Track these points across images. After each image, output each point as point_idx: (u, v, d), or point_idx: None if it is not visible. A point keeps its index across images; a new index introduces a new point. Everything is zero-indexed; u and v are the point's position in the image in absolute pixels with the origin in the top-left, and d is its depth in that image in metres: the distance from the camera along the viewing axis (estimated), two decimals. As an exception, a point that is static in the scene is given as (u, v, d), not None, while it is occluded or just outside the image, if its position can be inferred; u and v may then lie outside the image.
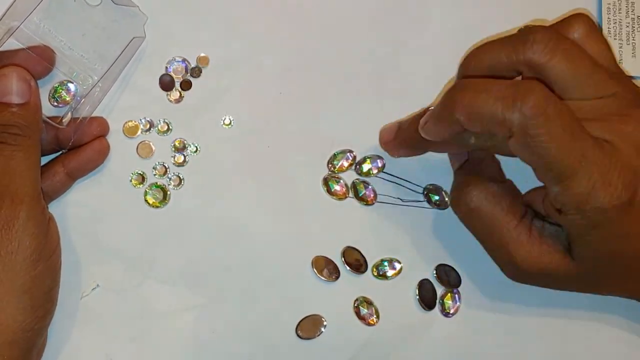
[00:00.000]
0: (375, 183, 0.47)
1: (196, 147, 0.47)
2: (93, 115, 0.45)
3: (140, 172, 0.46)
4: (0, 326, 0.38)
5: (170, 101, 0.47)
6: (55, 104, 0.45)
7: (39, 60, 0.43)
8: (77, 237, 0.45)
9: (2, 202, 0.39)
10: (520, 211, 0.41)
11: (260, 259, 0.46)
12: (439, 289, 0.47)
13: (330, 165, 0.47)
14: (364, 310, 0.46)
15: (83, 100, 0.45)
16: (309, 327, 0.46)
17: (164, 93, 0.47)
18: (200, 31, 0.47)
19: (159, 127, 0.47)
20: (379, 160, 0.47)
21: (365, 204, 0.47)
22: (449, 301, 0.46)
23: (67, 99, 0.45)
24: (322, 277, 0.46)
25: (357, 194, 0.47)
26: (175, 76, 0.47)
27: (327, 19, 0.48)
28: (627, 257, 0.39)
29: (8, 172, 0.39)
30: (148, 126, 0.47)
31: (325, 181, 0.47)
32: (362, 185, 0.47)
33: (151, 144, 0.46)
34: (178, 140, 0.47)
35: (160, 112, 0.47)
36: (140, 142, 0.46)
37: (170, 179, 0.46)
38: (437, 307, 0.46)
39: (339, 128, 0.47)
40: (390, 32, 0.48)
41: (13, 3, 0.44)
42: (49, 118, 0.43)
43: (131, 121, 0.46)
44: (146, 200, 0.46)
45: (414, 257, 0.47)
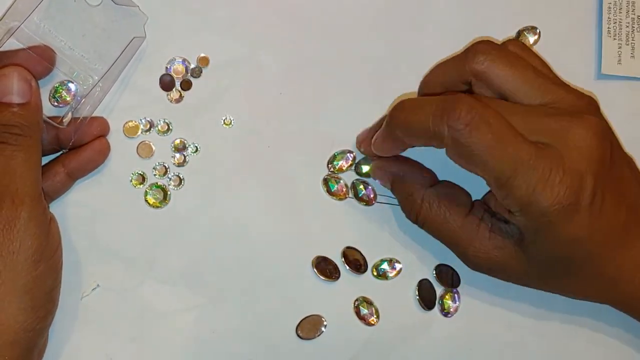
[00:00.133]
0: (375, 183, 0.47)
1: (196, 147, 0.47)
2: (93, 115, 0.45)
3: (140, 172, 0.46)
4: (2, 326, 0.38)
5: (171, 101, 0.47)
6: (56, 103, 0.45)
7: (39, 60, 0.43)
8: (77, 237, 0.45)
9: (3, 203, 0.39)
10: (465, 209, 0.43)
11: (260, 259, 0.46)
12: (439, 289, 0.47)
13: (330, 166, 0.47)
14: (364, 310, 0.46)
15: (83, 100, 0.45)
16: (309, 327, 0.46)
17: (164, 93, 0.47)
18: (200, 31, 0.47)
19: (159, 127, 0.47)
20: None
21: (365, 204, 0.47)
22: (448, 301, 0.46)
23: (68, 99, 0.45)
24: (322, 277, 0.46)
25: (356, 195, 0.47)
26: (175, 76, 0.47)
27: (327, 19, 0.48)
28: (574, 260, 0.40)
29: (9, 172, 0.39)
30: (148, 126, 0.47)
31: (325, 181, 0.47)
32: (362, 186, 0.47)
33: (151, 144, 0.46)
34: (178, 140, 0.47)
35: (161, 112, 0.47)
36: (141, 142, 0.46)
37: (170, 179, 0.46)
38: (437, 307, 0.46)
39: (339, 128, 0.47)
40: (390, 32, 0.48)
41: (13, 3, 0.44)
42: (49, 118, 0.43)
43: (131, 121, 0.46)
44: (146, 200, 0.46)
45: (414, 257, 0.47)
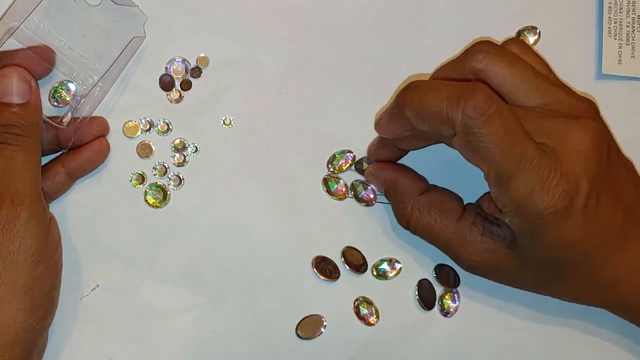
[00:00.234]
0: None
1: (196, 147, 0.47)
2: (93, 115, 0.45)
3: (140, 172, 0.46)
4: (2, 326, 0.38)
5: (170, 101, 0.47)
6: (56, 104, 0.45)
7: (39, 60, 0.43)
8: (77, 237, 0.45)
9: (2, 203, 0.39)
10: (456, 214, 0.42)
11: (260, 259, 0.46)
12: (439, 289, 0.47)
13: (330, 166, 0.47)
14: (364, 310, 0.46)
15: (83, 100, 0.45)
16: (309, 327, 0.46)
17: (164, 93, 0.47)
18: (200, 31, 0.47)
19: (159, 127, 0.47)
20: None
21: (366, 205, 0.47)
22: (448, 301, 0.46)
23: (67, 99, 0.45)
24: (321, 277, 0.46)
25: (356, 195, 0.47)
26: (175, 76, 0.47)
27: (327, 19, 0.48)
28: (567, 263, 0.40)
29: (8, 172, 0.39)
30: (148, 126, 0.47)
31: (325, 181, 0.47)
32: (361, 187, 0.47)
33: (151, 144, 0.46)
34: (178, 140, 0.47)
35: (160, 112, 0.47)
36: (140, 142, 0.46)
37: (170, 179, 0.46)
38: (437, 307, 0.46)
39: (339, 128, 0.47)
40: (390, 32, 0.48)
41: (13, 3, 0.44)
42: (49, 118, 0.43)
43: (131, 121, 0.46)
44: (146, 200, 0.46)
45: (414, 257, 0.47)
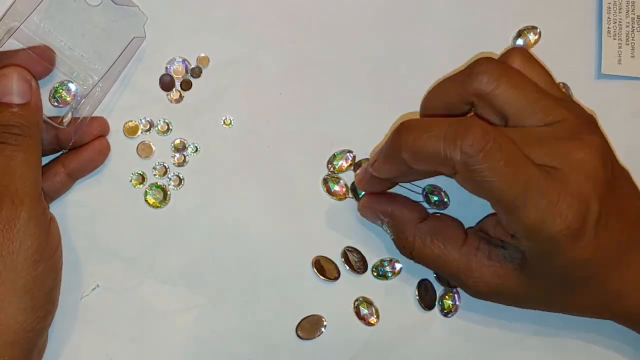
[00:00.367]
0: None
1: (196, 147, 0.47)
2: (93, 115, 0.45)
3: (140, 172, 0.46)
4: (2, 326, 0.38)
5: (170, 101, 0.47)
6: (56, 104, 0.45)
7: (39, 61, 0.43)
8: (77, 237, 0.45)
9: (2, 203, 0.39)
10: (459, 240, 0.42)
11: (260, 259, 0.46)
12: (439, 289, 0.47)
13: (330, 166, 0.47)
14: (364, 310, 0.46)
15: (83, 100, 0.45)
16: (309, 327, 0.46)
17: (164, 93, 0.47)
18: (200, 31, 0.47)
19: (159, 127, 0.47)
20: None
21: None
22: (448, 301, 0.46)
23: (68, 99, 0.45)
24: (322, 277, 0.46)
25: (357, 196, 0.47)
26: (175, 76, 0.47)
27: (327, 19, 0.48)
28: (577, 281, 0.40)
29: (9, 172, 0.39)
30: (148, 126, 0.47)
31: (325, 181, 0.47)
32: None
33: (151, 144, 0.46)
34: (178, 140, 0.47)
35: (160, 112, 0.47)
36: (140, 142, 0.46)
37: (170, 179, 0.46)
38: (437, 307, 0.46)
39: (339, 128, 0.47)
40: (390, 32, 0.48)
41: (13, 3, 0.44)
42: (49, 118, 0.43)
43: (131, 121, 0.46)
44: (146, 200, 0.46)
45: (414, 257, 0.47)
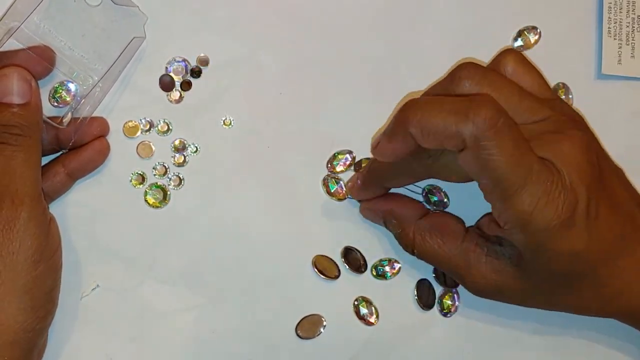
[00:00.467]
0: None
1: (196, 147, 0.47)
2: (93, 115, 0.45)
3: (140, 172, 0.46)
4: (2, 326, 0.38)
5: (170, 101, 0.47)
6: (56, 104, 0.45)
7: (39, 61, 0.43)
8: (77, 237, 0.45)
9: (2, 203, 0.39)
10: (459, 236, 0.42)
11: (260, 259, 0.46)
12: (438, 289, 0.47)
13: (330, 166, 0.47)
14: (363, 310, 0.46)
15: (83, 100, 0.45)
16: (309, 327, 0.46)
17: (164, 93, 0.47)
18: (200, 31, 0.47)
19: (159, 127, 0.47)
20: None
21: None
22: (447, 301, 0.46)
23: (68, 99, 0.45)
24: (322, 276, 0.46)
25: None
26: (175, 76, 0.47)
27: (327, 19, 0.48)
28: (574, 275, 0.40)
29: (9, 172, 0.39)
30: (148, 126, 0.47)
31: (325, 181, 0.47)
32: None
33: (151, 144, 0.46)
34: (178, 140, 0.47)
35: (160, 112, 0.47)
36: (140, 142, 0.46)
37: (170, 179, 0.46)
38: (436, 307, 0.46)
39: (339, 128, 0.47)
40: (390, 32, 0.48)
41: (13, 3, 0.44)
42: (49, 118, 0.43)
43: (131, 121, 0.46)
44: (146, 200, 0.46)
45: (413, 257, 0.47)
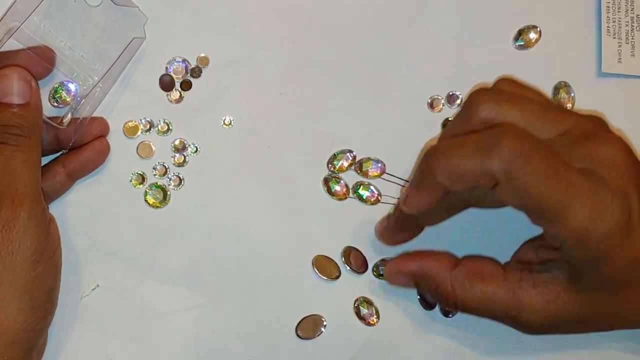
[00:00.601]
0: (376, 184, 0.47)
1: (196, 147, 0.47)
2: (93, 115, 0.45)
3: (140, 172, 0.46)
4: (1, 326, 0.38)
5: (170, 101, 0.47)
6: (56, 104, 0.45)
7: (39, 61, 0.43)
8: (77, 237, 0.45)
9: (2, 203, 0.39)
10: (500, 276, 0.40)
11: (260, 259, 0.46)
12: (439, 289, 0.47)
13: (330, 166, 0.47)
14: (364, 310, 0.46)
15: (83, 100, 0.45)
16: (309, 327, 0.46)
17: (164, 93, 0.47)
18: (200, 31, 0.47)
19: (159, 127, 0.47)
20: (379, 164, 0.47)
21: (371, 204, 0.47)
22: (448, 301, 0.46)
23: (68, 100, 0.45)
24: (323, 277, 0.46)
25: (360, 198, 0.46)
26: (175, 76, 0.47)
27: (327, 19, 0.48)
28: (630, 282, 0.38)
29: (8, 172, 0.39)
30: (148, 126, 0.47)
31: (326, 181, 0.47)
32: (362, 188, 0.46)
33: (151, 144, 0.46)
34: (178, 141, 0.47)
35: (160, 112, 0.47)
36: (140, 142, 0.46)
37: (170, 179, 0.46)
38: (437, 307, 0.46)
39: (339, 128, 0.47)
40: (390, 32, 0.48)
41: (13, 3, 0.44)
42: (49, 118, 0.43)
43: (131, 121, 0.46)
44: (146, 200, 0.46)
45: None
